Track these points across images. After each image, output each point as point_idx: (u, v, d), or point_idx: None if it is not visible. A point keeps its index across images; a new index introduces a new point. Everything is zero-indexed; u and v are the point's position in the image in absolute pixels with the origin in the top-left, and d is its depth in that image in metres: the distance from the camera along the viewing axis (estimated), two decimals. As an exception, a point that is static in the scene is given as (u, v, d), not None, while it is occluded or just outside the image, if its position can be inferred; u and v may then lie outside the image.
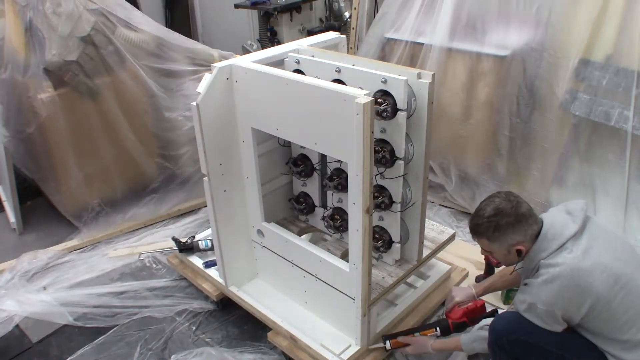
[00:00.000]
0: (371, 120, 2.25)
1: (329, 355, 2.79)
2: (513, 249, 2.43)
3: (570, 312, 2.28)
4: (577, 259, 2.26)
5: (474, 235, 2.53)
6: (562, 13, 3.62)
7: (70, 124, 4.04)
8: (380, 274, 2.93)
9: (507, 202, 2.42)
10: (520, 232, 2.39)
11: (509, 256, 2.49)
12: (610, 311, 2.25)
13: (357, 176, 2.37)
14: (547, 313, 2.30)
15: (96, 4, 3.96)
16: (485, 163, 4.19)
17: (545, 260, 2.34)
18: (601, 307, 2.24)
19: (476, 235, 2.52)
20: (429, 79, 2.50)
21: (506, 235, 2.41)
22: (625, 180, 3.48)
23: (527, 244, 2.41)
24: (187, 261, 3.63)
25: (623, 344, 2.29)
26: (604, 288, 2.23)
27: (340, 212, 3.06)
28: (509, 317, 2.52)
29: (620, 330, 2.28)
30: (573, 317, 2.30)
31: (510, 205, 2.40)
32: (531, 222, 2.40)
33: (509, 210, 2.40)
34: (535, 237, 2.40)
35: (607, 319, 2.27)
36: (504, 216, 2.40)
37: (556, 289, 2.27)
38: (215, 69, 2.73)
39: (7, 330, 3.44)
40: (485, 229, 2.44)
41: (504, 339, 2.44)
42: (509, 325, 2.46)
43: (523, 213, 2.39)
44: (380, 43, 4.63)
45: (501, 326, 2.49)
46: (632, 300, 2.27)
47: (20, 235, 4.45)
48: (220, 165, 2.93)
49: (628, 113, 3.37)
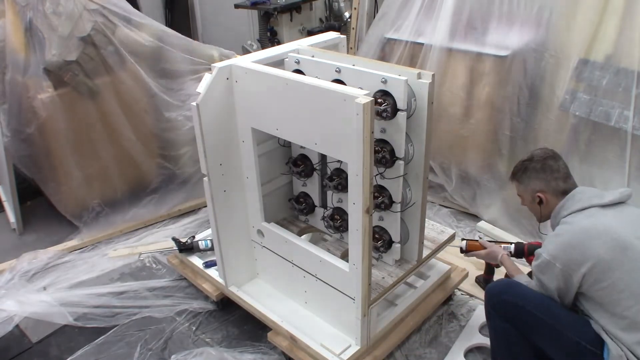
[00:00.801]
0: (371, 120, 2.25)
1: (329, 355, 2.79)
2: (536, 196, 2.63)
3: (570, 270, 2.33)
4: (591, 222, 2.37)
5: (511, 177, 2.77)
6: (562, 13, 3.62)
7: (70, 124, 4.05)
8: (380, 274, 2.94)
9: (542, 152, 2.67)
10: (543, 180, 2.59)
11: (533, 204, 2.68)
12: (613, 280, 2.27)
13: (357, 176, 2.37)
14: (548, 264, 2.39)
15: (96, 3, 3.96)
16: (486, 163, 4.19)
17: (564, 218, 2.48)
18: (602, 274, 2.28)
19: (512, 176, 2.76)
20: (429, 79, 2.51)
21: (530, 179, 2.64)
22: (625, 180, 3.47)
23: (550, 195, 2.59)
24: (187, 261, 3.63)
25: (622, 320, 2.28)
26: (607, 254, 2.27)
27: (340, 212, 3.06)
28: (504, 280, 2.72)
29: (621, 305, 2.28)
30: (573, 276, 2.33)
31: (543, 155, 2.63)
32: (557, 177, 2.57)
33: (539, 157, 2.63)
34: (562, 194, 2.56)
35: (608, 288, 2.29)
36: (533, 161, 2.63)
37: (561, 242, 2.39)
38: (215, 69, 2.73)
39: (7, 330, 3.43)
40: (517, 170, 2.71)
41: (496, 299, 2.56)
42: (502, 287, 2.60)
43: (551, 165, 2.59)
44: (380, 43, 4.62)
45: (495, 287, 2.62)
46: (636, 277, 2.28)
47: (20, 235, 4.45)
48: (220, 165, 2.93)
49: (628, 113, 3.36)
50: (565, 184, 2.56)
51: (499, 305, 2.54)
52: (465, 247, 3.11)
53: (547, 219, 2.68)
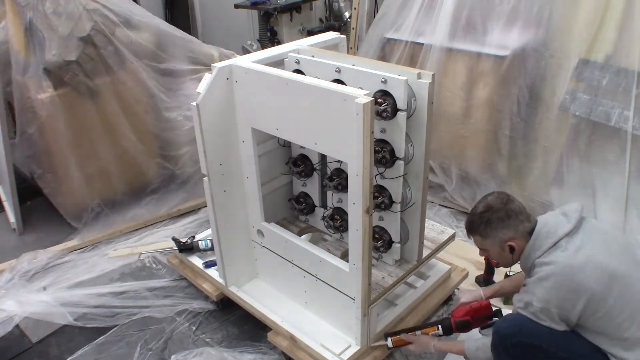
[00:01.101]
0: (371, 120, 2.25)
1: (328, 356, 2.79)
2: (506, 246, 2.48)
3: (566, 310, 2.28)
4: (570, 257, 2.30)
5: (469, 232, 2.60)
6: (562, 13, 3.62)
7: (70, 124, 4.04)
8: (380, 274, 2.94)
9: (497, 199, 2.50)
10: (510, 227, 2.45)
11: (503, 254, 2.54)
12: (607, 309, 2.24)
13: (357, 176, 2.37)
14: (543, 310, 2.31)
15: (96, 3, 3.96)
16: (486, 163, 4.19)
17: (539, 259, 2.38)
18: (597, 305, 2.25)
19: (470, 232, 2.58)
20: (429, 79, 2.51)
21: (497, 231, 2.47)
22: (625, 180, 3.47)
23: (519, 241, 2.46)
24: (187, 261, 3.62)
25: (623, 342, 2.27)
26: (598, 285, 2.24)
27: (340, 212, 3.06)
28: (513, 319, 2.50)
29: (620, 328, 2.26)
30: (570, 315, 2.29)
31: (501, 202, 2.48)
32: (522, 219, 2.46)
33: (499, 205, 2.47)
34: (529, 235, 2.44)
35: (604, 317, 2.26)
36: (494, 211, 2.47)
37: (550, 286, 2.30)
38: (215, 69, 2.73)
39: (7, 330, 3.43)
40: (478, 225, 2.51)
41: (509, 341, 2.42)
42: (513, 328, 2.44)
43: (513, 209, 2.46)
44: (380, 43, 4.63)
45: (506, 328, 2.47)
46: (628, 298, 2.26)
47: (20, 235, 4.44)
48: (220, 165, 2.93)
49: (628, 113, 3.37)
50: (530, 223, 2.46)
51: (512, 347, 2.42)
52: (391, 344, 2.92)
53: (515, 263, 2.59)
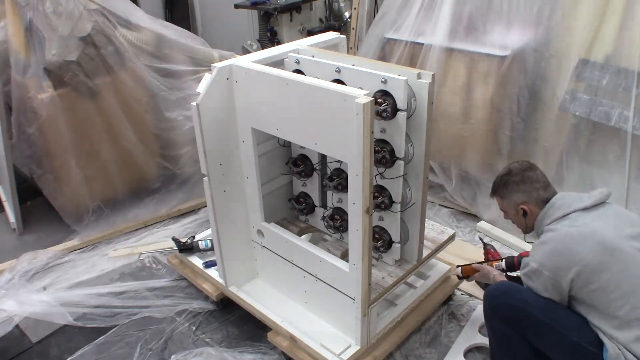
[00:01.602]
0: (371, 120, 2.25)
1: (328, 356, 2.78)
2: (519, 208, 2.65)
3: (558, 277, 2.35)
4: (574, 228, 2.39)
5: (492, 193, 2.80)
6: (562, 13, 3.62)
7: (70, 124, 4.04)
8: (380, 274, 2.94)
9: (519, 166, 2.69)
10: (525, 192, 2.62)
11: (517, 217, 2.70)
12: (601, 282, 2.28)
13: (357, 176, 2.38)
14: (536, 272, 2.42)
15: (96, 3, 3.96)
16: (486, 163, 4.19)
17: (547, 226, 2.51)
18: (589, 277, 2.30)
19: (493, 193, 2.79)
20: (429, 79, 2.52)
21: (512, 193, 2.66)
22: (625, 180, 3.47)
23: (532, 206, 2.61)
24: (187, 261, 3.62)
25: (614, 319, 2.29)
26: (594, 258, 2.29)
27: (340, 212, 3.06)
28: (503, 283, 2.71)
29: (612, 305, 2.28)
30: (561, 282, 2.35)
31: (520, 168, 2.67)
32: (537, 187, 2.60)
33: (517, 170, 2.66)
34: (543, 203, 2.58)
35: (597, 291, 2.30)
36: (512, 175, 2.66)
37: (547, 250, 2.42)
38: (215, 69, 2.73)
39: (7, 330, 3.43)
40: (497, 186, 2.73)
41: (496, 301, 2.56)
42: (502, 290, 2.60)
43: (530, 176, 2.63)
44: (380, 43, 4.63)
45: (495, 290, 2.62)
46: (627, 276, 2.29)
47: (20, 235, 4.45)
48: (220, 165, 2.93)
49: (628, 113, 3.36)
50: (546, 193, 2.59)
51: (499, 308, 2.55)
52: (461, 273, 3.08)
53: (532, 229, 2.71)
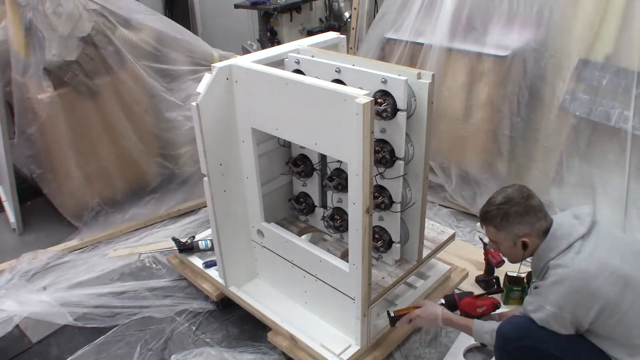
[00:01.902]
0: (371, 120, 2.25)
1: (328, 356, 2.78)
2: (519, 241, 2.42)
3: (579, 316, 2.23)
4: (585, 261, 2.24)
5: (483, 222, 2.53)
6: (562, 13, 3.62)
7: (70, 124, 4.04)
8: (380, 274, 2.93)
9: (518, 193, 2.42)
10: (527, 223, 2.39)
11: (514, 249, 2.46)
12: (620, 315, 2.20)
13: (357, 176, 2.37)
14: (555, 316, 2.26)
15: (96, 3, 3.96)
16: (486, 163, 4.19)
17: (553, 260, 2.32)
18: (610, 311, 2.20)
19: (485, 222, 2.51)
20: (429, 79, 2.51)
21: (513, 225, 2.41)
22: (625, 180, 3.48)
23: (534, 238, 2.40)
24: (187, 261, 3.62)
25: (631, 348, 2.24)
26: (613, 291, 2.19)
27: (340, 212, 3.06)
28: (518, 321, 2.44)
29: (630, 335, 2.24)
30: (582, 321, 2.24)
31: (521, 196, 2.41)
32: (540, 217, 2.39)
33: (519, 199, 2.40)
34: (544, 234, 2.39)
35: (616, 324, 2.22)
36: (514, 205, 2.40)
37: (564, 291, 2.24)
38: (215, 69, 2.73)
39: (7, 331, 3.43)
40: (494, 216, 2.44)
41: (513, 344, 2.38)
42: (518, 331, 2.39)
43: (533, 205, 2.39)
44: (380, 43, 4.63)
45: (510, 331, 2.41)
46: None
47: (20, 235, 4.44)
48: (220, 165, 2.93)
49: (628, 113, 3.37)
50: (545, 222, 2.40)
51: (517, 350, 2.38)
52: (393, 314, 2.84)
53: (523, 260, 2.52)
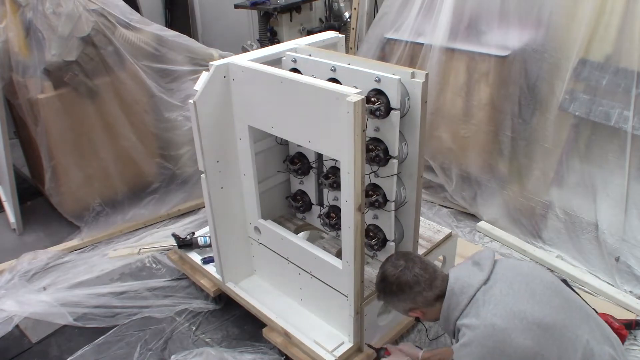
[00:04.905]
0: (362, 118, 2.26)
1: (322, 352, 2.79)
2: (410, 314, 2.38)
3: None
4: (491, 313, 2.09)
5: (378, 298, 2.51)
6: (562, 13, 3.61)
7: (70, 124, 4.06)
8: (374, 272, 2.90)
9: (392, 268, 2.34)
10: (407, 300, 2.31)
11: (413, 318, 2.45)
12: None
13: (349, 174, 2.38)
14: None
15: (96, 4, 3.98)
16: (487, 163, 4.18)
17: (459, 320, 2.19)
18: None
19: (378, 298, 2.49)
20: (423, 79, 2.51)
21: (394, 303, 2.38)
22: (625, 180, 3.46)
23: (423, 308, 2.32)
24: (186, 257, 3.64)
25: None
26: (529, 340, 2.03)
27: (336, 210, 3.07)
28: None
29: None
30: None
31: (394, 272, 2.32)
32: (419, 290, 2.27)
33: (392, 278, 2.32)
34: (436, 299, 2.28)
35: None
36: (387, 284, 2.34)
37: (477, 353, 2.08)
38: (212, 67, 2.76)
39: (7, 331, 3.44)
40: (378, 294, 2.45)
41: None
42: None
43: (407, 281, 2.28)
44: (380, 43, 4.63)
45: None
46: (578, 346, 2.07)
47: (20, 235, 4.45)
48: (218, 162, 2.95)
49: (628, 113, 3.35)
50: (434, 291, 2.27)
51: None
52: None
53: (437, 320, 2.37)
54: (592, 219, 3.63)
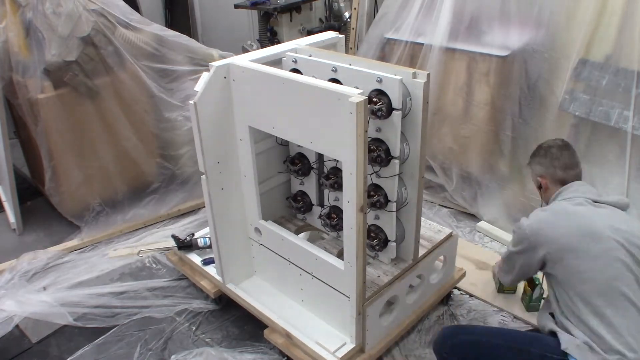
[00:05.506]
0: (365, 118, 2.25)
1: (323, 353, 2.79)
2: (536, 179, 2.75)
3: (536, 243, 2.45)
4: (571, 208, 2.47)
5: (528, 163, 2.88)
6: (562, 13, 3.61)
7: (70, 124, 4.05)
8: (375, 272, 2.94)
9: (551, 141, 2.77)
10: (544, 165, 2.69)
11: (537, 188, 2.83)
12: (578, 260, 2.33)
13: (351, 175, 2.38)
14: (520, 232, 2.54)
15: (96, 4, 3.97)
16: (487, 163, 4.19)
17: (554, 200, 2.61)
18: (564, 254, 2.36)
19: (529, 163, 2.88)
20: (424, 79, 2.51)
21: (535, 164, 2.76)
22: (625, 180, 3.46)
23: (548, 181, 2.68)
24: (185, 258, 3.63)
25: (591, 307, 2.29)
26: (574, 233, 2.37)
27: (337, 210, 3.07)
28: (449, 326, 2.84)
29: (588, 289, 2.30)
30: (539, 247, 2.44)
31: (551, 144, 2.74)
32: (556, 165, 2.65)
33: (546, 145, 2.75)
34: (559, 182, 2.64)
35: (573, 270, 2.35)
36: (540, 149, 2.76)
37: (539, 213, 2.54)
38: (212, 67, 2.75)
39: (7, 331, 3.43)
40: (530, 156, 2.83)
41: (449, 342, 2.52)
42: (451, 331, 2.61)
43: (553, 153, 2.68)
44: (380, 43, 4.63)
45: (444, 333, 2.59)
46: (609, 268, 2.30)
47: (20, 235, 4.44)
48: (218, 163, 2.94)
49: (628, 113, 3.35)
50: (563, 173, 2.63)
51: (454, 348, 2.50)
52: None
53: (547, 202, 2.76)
54: (592, 219, 3.63)
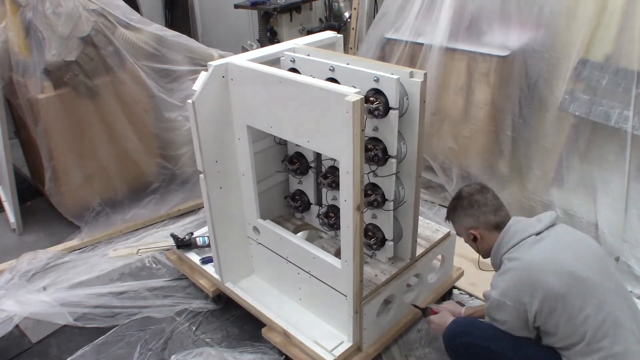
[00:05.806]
0: (361, 117, 2.26)
1: (321, 352, 2.79)
2: (469, 233, 2.57)
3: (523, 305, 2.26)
4: (535, 254, 2.33)
5: (446, 218, 2.72)
6: (562, 13, 3.62)
7: (70, 124, 4.06)
8: (373, 271, 2.94)
9: (469, 189, 2.61)
10: (472, 216, 2.54)
11: (469, 241, 2.63)
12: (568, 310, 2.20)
13: (348, 174, 2.38)
14: (499, 304, 2.32)
15: (96, 4, 3.98)
16: (487, 163, 4.18)
17: (506, 254, 2.42)
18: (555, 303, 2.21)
19: (446, 217, 2.72)
20: (421, 78, 2.52)
21: (461, 218, 2.59)
22: (625, 180, 3.46)
23: (482, 231, 2.53)
24: (184, 257, 3.64)
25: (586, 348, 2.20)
26: (558, 283, 2.21)
27: (335, 209, 3.07)
28: (462, 321, 2.64)
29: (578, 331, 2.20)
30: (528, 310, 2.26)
31: (469, 191, 2.58)
32: (486, 211, 2.51)
33: (466, 195, 2.58)
34: (494, 228, 2.50)
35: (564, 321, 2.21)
36: (461, 199, 2.58)
37: (509, 279, 2.32)
38: (211, 67, 2.76)
39: (7, 331, 3.43)
40: (448, 211, 2.67)
41: (458, 340, 2.50)
42: (463, 328, 2.55)
43: (477, 199, 2.53)
44: (380, 43, 4.63)
45: (456, 328, 2.56)
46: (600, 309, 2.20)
47: (20, 235, 4.45)
48: (216, 162, 2.95)
49: (628, 113, 3.35)
50: (496, 217, 2.50)
51: (460, 348, 2.49)
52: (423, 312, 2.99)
53: (488, 255, 2.59)
54: (592, 219, 3.63)
